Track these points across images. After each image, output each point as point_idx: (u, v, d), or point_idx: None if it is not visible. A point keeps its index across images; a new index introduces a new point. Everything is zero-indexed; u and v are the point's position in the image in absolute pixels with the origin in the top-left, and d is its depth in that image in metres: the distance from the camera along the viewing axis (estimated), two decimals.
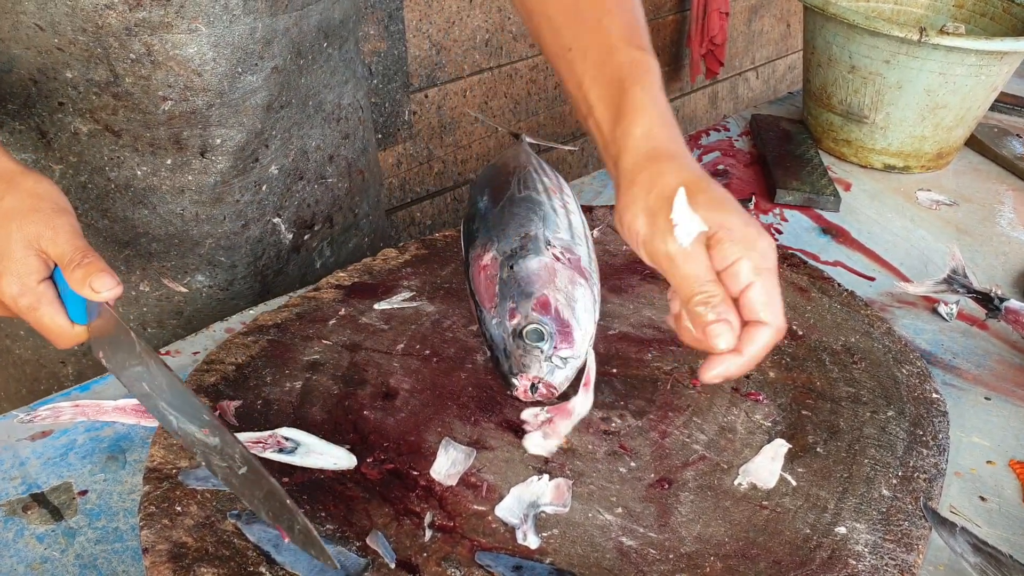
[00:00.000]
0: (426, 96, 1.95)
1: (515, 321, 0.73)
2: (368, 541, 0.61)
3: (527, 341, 0.72)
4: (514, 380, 0.72)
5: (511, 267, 0.76)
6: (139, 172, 0.85)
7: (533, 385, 0.72)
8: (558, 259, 0.77)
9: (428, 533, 0.62)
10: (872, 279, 1.02)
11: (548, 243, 0.78)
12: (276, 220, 0.94)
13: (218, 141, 0.85)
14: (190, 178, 0.86)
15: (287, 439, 0.68)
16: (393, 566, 0.59)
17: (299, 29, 0.87)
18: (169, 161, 0.85)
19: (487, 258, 0.78)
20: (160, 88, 0.80)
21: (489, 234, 0.80)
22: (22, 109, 0.82)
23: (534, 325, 0.72)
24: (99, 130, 0.82)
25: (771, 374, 0.79)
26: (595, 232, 0.99)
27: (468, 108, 2.03)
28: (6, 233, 0.63)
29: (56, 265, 0.65)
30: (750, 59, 2.89)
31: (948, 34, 1.13)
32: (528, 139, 0.99)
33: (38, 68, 0.79)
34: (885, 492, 0.67)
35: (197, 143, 0.85)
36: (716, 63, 2.50)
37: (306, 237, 0.99)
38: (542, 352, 0.72)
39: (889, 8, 1.39)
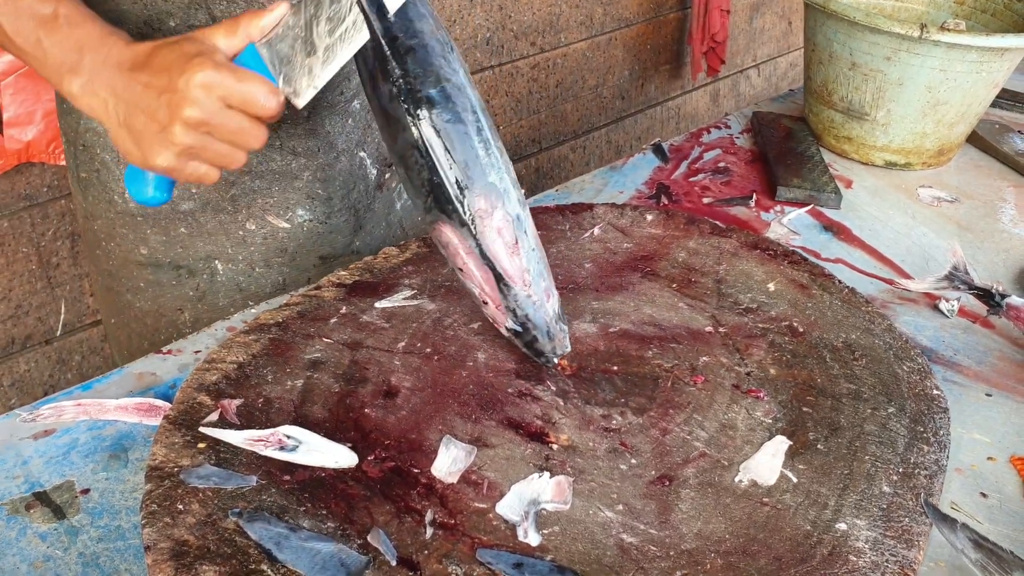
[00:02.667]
0: None
1: (551, 303, 0.76)
2: (369, 539, 0.61)
3: (563, 324, 0.78)
4: (555, 359, 0.78)
5: (525, 232, 0.74)
6: None
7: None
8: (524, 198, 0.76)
9: (429, 531, 0.62)
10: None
11: (514, 184, 0.74)
12: (362, 154, 1.01)
13: None
14: (286, 112, 0.91)
15: (288, 437, 0.68)
16: (394, 563, 0.59)
17: None
18: None
19: (499, 218, 0.72)
20: None
21: (471, 171, 0.71)
22: None
23: (560, 301, 0.77)
24: None
25: (772, 371, 0.79)
26: (596, 230, 0.99)
27: None
28: (176, 47, 0.68)
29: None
30: (752, 57, 2.88)
31: (949, 30, 1.13)
32: None
33: (144, 20, 0.83)
34: (886, 488, 0.67)
35: None
36: (717, 61, 2.50)
37: (387, 176, 1.06)
38: (568, 325, 0.79)
39: (890, 5, 1.39)
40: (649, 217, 1.02)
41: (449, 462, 0.68)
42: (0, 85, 1.29)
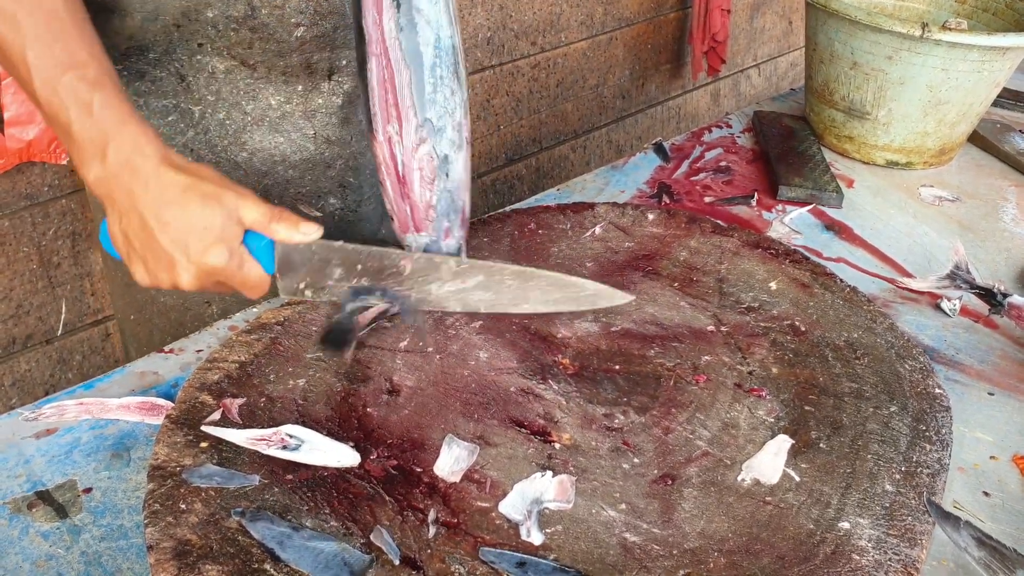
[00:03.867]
0: None
1: (449, 241, 0.75)
2: (372, 538, 0.61)
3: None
4: None
5: (447, 174, 0.74)
6: (273, 101, 0.90)
7: None
8: (468, 141, 0.76)
9: (432, 529, 0.62)
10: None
11: (460, 126, 0.74)
12: None
13: (343, 63, 0.91)
14: (320, 101, 0.92)
15: (291, 436, 0.68)
16: (397, 562, 0.59)
17: None
18: (300, 87, 0.90)
19: (422, 153, 0.73)
20: (293, 15, 0.86)
21: (410, 106, 0.72)
22: (163, 56, 0.87)
23: (458, 244, 0.77)
24: (235, 66, 0.87)
25: (774, 370, 0.79)
26: (597, 229, 0.99)
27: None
28: (208, 209, 0.68)
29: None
30: (752, 56, 2.88)
31: (950, 30, 1.13)
32: None
33: (182, 12, 0.83)
34: (888, 487, 0.67)
35: (325, 66, 0.90)
36: (718, 60, 2.49)
37: None
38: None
39: (891, 4, 1.39)
40: (650, 216, 1.02)
41: (452, 461, 0.68)
42: (1, 84, 1.29)
